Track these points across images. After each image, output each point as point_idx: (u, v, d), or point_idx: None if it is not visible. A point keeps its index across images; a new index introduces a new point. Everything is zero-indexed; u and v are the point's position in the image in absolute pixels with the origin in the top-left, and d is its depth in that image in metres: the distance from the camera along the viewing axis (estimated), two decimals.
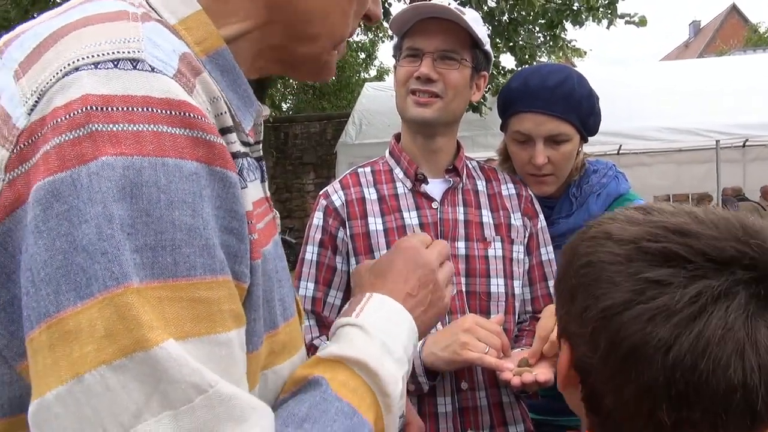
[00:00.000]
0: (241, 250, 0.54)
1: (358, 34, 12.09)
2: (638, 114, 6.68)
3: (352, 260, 1.38)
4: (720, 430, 0.60)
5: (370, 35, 12.75)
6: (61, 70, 0.50)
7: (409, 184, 1.42)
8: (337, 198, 1.42)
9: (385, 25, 8.36)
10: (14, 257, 0.49)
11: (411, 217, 1.39)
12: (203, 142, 0.51)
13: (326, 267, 1.40)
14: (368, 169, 1.48)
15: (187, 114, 0.51)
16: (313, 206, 1.47)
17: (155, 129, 0.49)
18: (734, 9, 39.24)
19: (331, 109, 15.54)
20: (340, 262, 1.40)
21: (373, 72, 17.53)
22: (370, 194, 1.42)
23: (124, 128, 0.48)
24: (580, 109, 1.49)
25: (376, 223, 1.39)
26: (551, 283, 1.49)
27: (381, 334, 0.69)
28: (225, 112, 0.58)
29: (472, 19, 1.35)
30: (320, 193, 1.47)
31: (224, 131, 0.58)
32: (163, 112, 0.50)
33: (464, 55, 1.37)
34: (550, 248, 1.50)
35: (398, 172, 1.44)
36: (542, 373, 1.19)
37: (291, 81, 15.25)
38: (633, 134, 6.72)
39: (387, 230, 1.38)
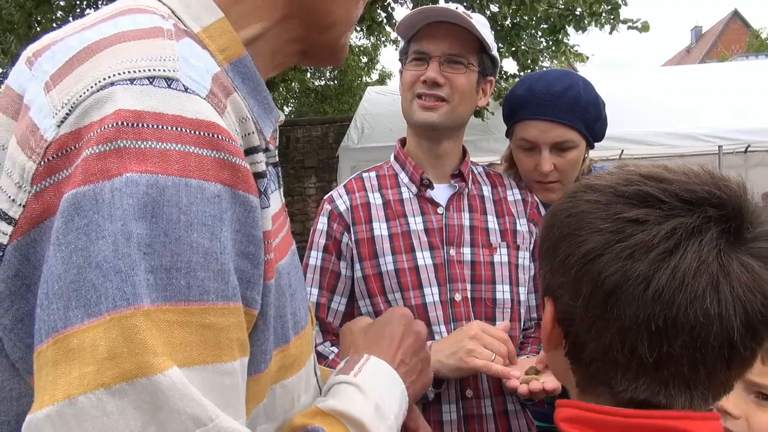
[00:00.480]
0: (254, 276, 0.53)
1: (359, 38, 12.10)
2: (640, 119, 6.66)
3: (357, 265, 1.37)
4: (700, 368, 0.62)
5: (372, 39, 12.75)
6: (95, 84, 0.49)
7: (414, 189, 1.41)
8: (342, 203, 1.41)
9: (388, 29, 8.35)
10: (37, 269, 0.48)
11: (416, 223, 1.38)
12: (229, 164, 0.51)
13: (330, 272, 1.39)
14: (373, 174, 1.47)
15: (215, 136, 0.51)
16: (318, 211, 1.46)
17: (182, 149, 0.48)
18: (736, 14, 39.26)
19: (333, 112, 15.54)
20: (344, 268, 1.39)
21: (375, 76, 17.54)
22: (375, 199, 1.41)
23: (152, 146, 0.48)
24: (587, 115, 1.48)
25: (380, 228, 1.38)
26: None
27: (376, 397, 0.68)
28: (253, 132, 0.58)
29: (480, 23, 1.34)
30: (325, 197, 1.46)
31: (251, 151, 0.58)
32: (193, 132, 0.49)
33: (471, 60, 1.37)
34: None
35: (403, 177, 1.43)
36: (550, 381, 1.18)
37: (293, 85, 15.24)
38: (635, 139, 6.69)
39: (392, 235, 1.37)
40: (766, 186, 9.18)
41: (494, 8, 6.81)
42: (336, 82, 16.36)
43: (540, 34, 7.37)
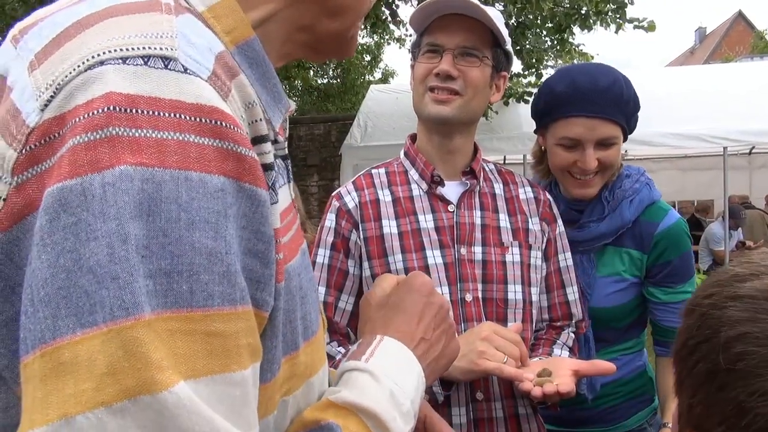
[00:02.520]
0: (264, 275, 0.49)
1: (363, 37, 12.06)
2: (644, 119, 6.60)
3: (365, 264, 1.34)
4: None
5: (376, 37, 12.72)
6: (83, 63, 0.45)
7: (424, 186, 1.38)
8: (351, 199, 1.38)
9: (392, 27, 8.32)
10: (21, 269, 0.44)
11: (426, 221, 1.35)
12: (234, 154, 0.46)
13: (338, 271, 1.35)
14: (382, 170, 1.44)
15: (218, 123, 0.46)
16: (325, 208, 1.43)
17: (181, 138, 0.44)
18: (740, 16, 39.18)
19: (336, 111, 15.52)
20: (352, 266, 1.35)
21: (378, 74, 17.52)
22: (385, 196, 1.38)
23: (148, 134, 0.43)
24: (628, 110, 1.45)
25: (390, 226, 1.34)
26: (569, 290, 1.44)
27: (390, 384, 0.65)
28: (260, 119, 0.53)
29: (494, 16, 1.31)
30: (333, 194, 1.43)
31: (258, 140, 0.53)
32: (193, 119, 0.45)
33: (486, 53, 1.33)
34: (569, 254, 1.46)
35: (413, 174, 1.40)
36: (564, 383, 1.15)
37: (296, 83, 15.21)
38: (638, 139, 6.66)
39: (401, 233, 1.34)
40: None
41: (499, 7, 6.77)
42: (339, 80, 16.33)
43: (545, 33, 7.33)
